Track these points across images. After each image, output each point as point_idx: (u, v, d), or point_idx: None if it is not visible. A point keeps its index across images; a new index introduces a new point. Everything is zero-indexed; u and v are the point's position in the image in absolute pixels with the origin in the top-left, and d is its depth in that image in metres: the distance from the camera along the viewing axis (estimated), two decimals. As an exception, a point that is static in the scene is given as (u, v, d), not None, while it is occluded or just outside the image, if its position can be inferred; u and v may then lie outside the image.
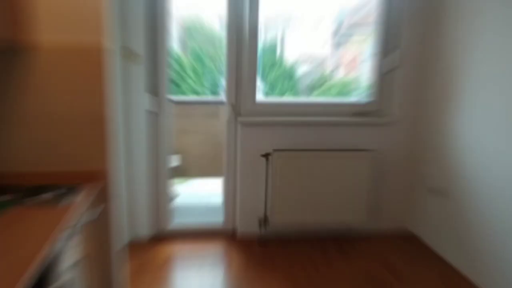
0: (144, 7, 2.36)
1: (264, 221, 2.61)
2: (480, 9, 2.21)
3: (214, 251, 2.58)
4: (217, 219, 2.82)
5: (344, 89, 2.87)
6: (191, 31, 3.48)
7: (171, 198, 2.67)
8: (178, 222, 2.80)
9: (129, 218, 2.59)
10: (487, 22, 2.18)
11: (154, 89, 2.46)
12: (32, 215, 1.44)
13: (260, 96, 2.67)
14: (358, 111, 2.65)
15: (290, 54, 3.01)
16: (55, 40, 1.61)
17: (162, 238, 2.70)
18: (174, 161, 2.60)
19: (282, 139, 2.60)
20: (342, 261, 2.52)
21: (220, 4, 2.43)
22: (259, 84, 2.64)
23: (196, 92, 3.58)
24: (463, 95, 2.37)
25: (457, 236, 2.46)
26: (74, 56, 1.68)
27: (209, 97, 3.71)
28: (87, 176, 1.75)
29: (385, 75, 2.61)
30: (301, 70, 2.88)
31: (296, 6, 2.70)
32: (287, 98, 3.04)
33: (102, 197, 1.80)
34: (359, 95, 2.77)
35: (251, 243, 2.66)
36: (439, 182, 2.55)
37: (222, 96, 2.74)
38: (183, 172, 3.38)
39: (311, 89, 2.87)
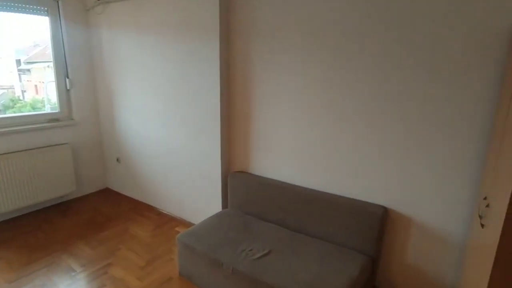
0: None
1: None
2: (128, 55, 3.51)
3: None
4: None
5: (36, 106, 3.71)
6: None
7: None
8: None
9: None
10: (127, 57, 3.48)
11: None
12: None
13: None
14: (52, 118, 3.51)
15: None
16: None
17: None
18: None
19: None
20: (67, 218, 3.32)
21: None
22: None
23: None
24: (120, 100, 3.48)
25: (133, 181, 3.70)
26: None
27: None
28: None
29: (67, 92, 3.56)
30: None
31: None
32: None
33: None
34: (51, 107, 3.64)
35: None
36: (119, 154, 3.80)
37: None
38: None
39: (6, 108, 3.52)
